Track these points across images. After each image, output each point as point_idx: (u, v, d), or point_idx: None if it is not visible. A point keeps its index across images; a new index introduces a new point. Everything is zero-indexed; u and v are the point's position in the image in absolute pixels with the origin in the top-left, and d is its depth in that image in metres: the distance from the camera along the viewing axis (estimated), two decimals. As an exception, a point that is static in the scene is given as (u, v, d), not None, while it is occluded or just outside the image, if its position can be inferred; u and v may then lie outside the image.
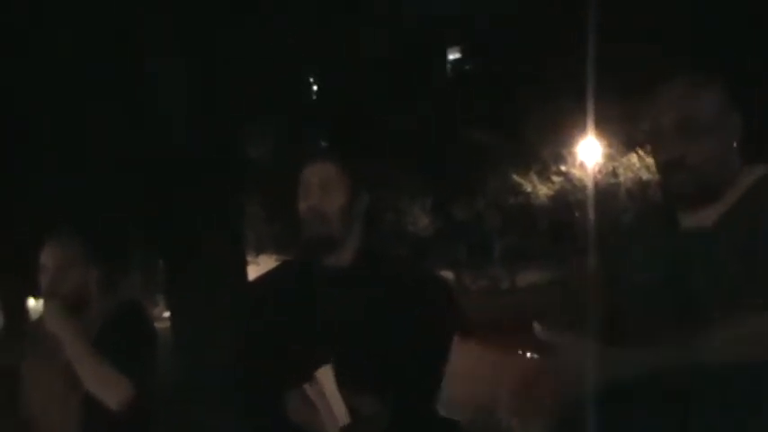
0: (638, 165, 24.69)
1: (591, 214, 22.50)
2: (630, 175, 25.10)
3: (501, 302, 22.82)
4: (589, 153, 23.76)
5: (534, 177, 26.88)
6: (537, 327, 1.93)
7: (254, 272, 10.15)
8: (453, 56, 24.30)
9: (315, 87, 15.07)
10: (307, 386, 2.40)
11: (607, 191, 24.48)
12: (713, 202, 2.05)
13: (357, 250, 2.63)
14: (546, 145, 24.31)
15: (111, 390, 2.89)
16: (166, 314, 16.12)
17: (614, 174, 25.30)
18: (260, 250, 24.30)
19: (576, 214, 25.44)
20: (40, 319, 3.08)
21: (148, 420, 3.03)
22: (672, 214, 2.13)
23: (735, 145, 2.11)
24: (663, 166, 2.07)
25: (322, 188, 2.57)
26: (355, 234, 2.63)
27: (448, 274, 27.61)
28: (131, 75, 9.26)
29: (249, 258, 16.96)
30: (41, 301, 3.15)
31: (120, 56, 9.15)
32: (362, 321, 2.54)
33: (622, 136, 22.26)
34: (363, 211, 2.66)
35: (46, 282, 3.06)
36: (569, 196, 26.52)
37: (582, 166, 24.90)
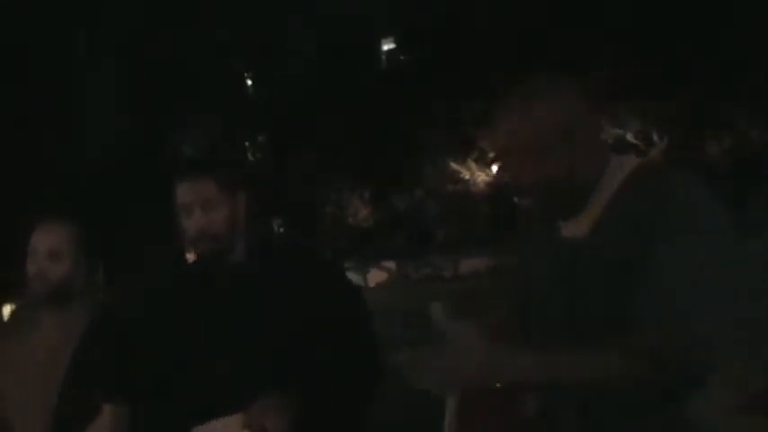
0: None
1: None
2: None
3: (444, 290, 22.93)
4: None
5: (472, 165, 27.07)
6: (435, 308, 1.80)
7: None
8: (388, 46, 24.32)
9: (249, 83, 14.98)
10: None
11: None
12: (584, 207, 1.91)
13: (247, 246, 2.65)
14: (483, 132, 24.47)
15: None
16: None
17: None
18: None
19: (516, 200, 25.65)
20: (21, 308, 2.86)
21: None
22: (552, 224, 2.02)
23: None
24: (546, 182, 1.88)
25: (203, 208, 2.55)
26: (243, 232, 2.64)
27: (389, 264, 27.68)
28: (62, 75, 9.11)
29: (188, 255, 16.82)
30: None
31: (49, 57, 9.00)
32: (260, 315, 2.56)
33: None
34: (245, 210, 2.65)
35: (33, 269, 2.74)
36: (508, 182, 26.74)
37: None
